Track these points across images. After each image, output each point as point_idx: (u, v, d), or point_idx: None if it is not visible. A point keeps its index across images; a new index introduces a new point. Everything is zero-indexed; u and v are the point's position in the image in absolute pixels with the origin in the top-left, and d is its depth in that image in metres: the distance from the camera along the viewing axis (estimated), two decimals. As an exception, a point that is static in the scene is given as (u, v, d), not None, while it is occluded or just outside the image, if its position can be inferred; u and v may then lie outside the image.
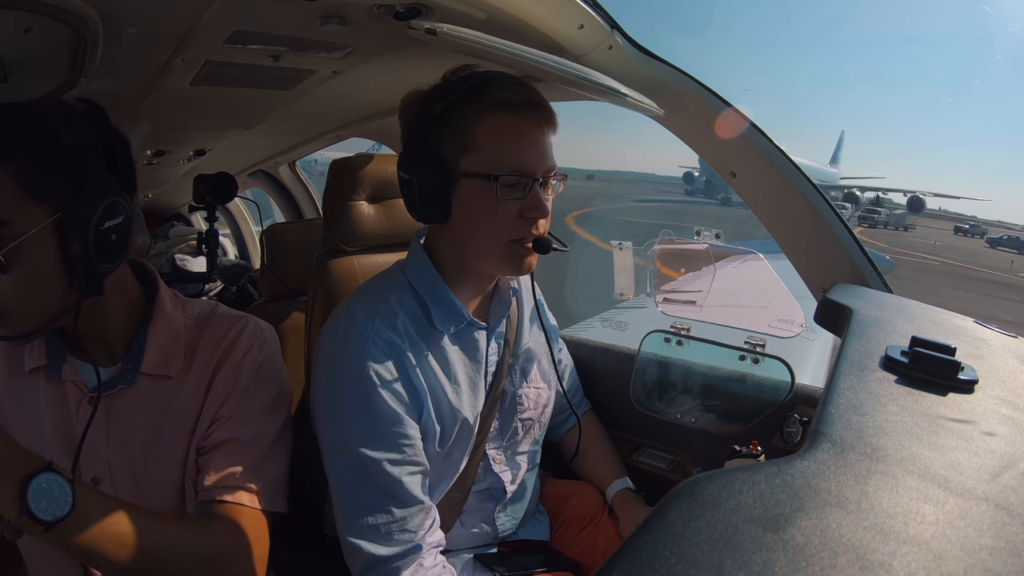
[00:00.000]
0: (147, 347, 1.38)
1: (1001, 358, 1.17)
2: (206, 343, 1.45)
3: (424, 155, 1.46)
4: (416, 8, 1.36)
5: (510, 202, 1.44)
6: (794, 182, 1.82)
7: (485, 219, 1.46)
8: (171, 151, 3.42)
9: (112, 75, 1.69)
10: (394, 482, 1.42)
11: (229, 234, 5.70)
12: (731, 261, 2.28)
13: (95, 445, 1.32)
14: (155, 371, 1.38)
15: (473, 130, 1.43)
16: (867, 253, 1.84)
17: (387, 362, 1.44)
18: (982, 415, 0.88)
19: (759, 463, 0.67)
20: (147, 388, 1.38)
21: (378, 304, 1.50)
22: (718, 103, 1.80)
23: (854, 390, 0.89)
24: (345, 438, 1.44)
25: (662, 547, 0.53)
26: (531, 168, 1.44)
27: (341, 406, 1.45)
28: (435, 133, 1.46)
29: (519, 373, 1.74)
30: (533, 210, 1.45)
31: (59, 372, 1.34)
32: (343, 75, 1.97)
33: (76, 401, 1.35)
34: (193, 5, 1.36)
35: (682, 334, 2.21)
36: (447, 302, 1.55)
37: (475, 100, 1.44)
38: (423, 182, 1.47)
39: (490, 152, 1.43)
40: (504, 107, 1.43)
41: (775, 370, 2.03)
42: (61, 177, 1.22)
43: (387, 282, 1.58)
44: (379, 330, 1.46)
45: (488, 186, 1.42)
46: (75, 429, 1.33)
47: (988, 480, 0.69)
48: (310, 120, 3.07)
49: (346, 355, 1.45)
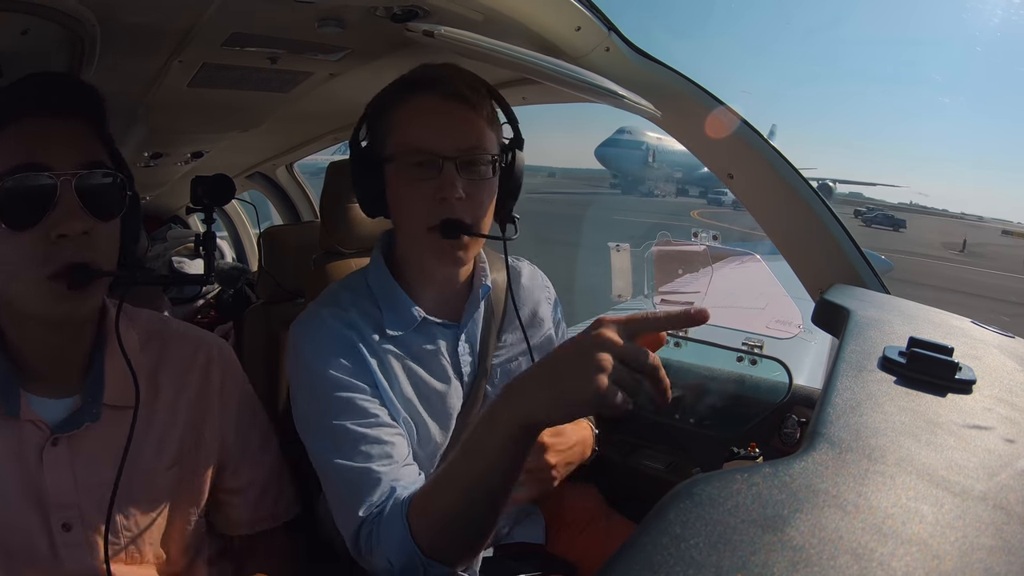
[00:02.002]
0: (106, 375, 1.31)
1: (998, 358, 1.17)
2: (170, 367, 1.42)
3: (357, 150, 1.50)
4: (413, 10, 1.36)
5: (423, 183, 1.40)
6: (791, 183, 1.82)
7: (403, 205, 1.46)
8: (168, 153, 3.42)
9: (109, 77, 1.69)
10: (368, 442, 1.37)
11: (227, 236, 5.69)
12: (729, 263, 2.28)
13: (62, 490, 1.24)
14: (117, 401, 1.30)
15: (388, 117, 1.44)
16: (864, 254, 1.85)
17: (332, 345, 1.43)
18: (980, 415, 0.88)
19: (757, 464, 0.67)
20: (112, 421, 1.29)
21: (328, 300, 1.52)
22: (715, 105, 1.80)
23: (852, 391, 0.89)
24: (313, 419, 1.43)
25: (661, 548, 0.53)
26: (438, 146, 1.39)
27: (301, 395, 1.47)
28: (367, 130, 1.50)
29: (500, 374, 1.66)
30: (442, 189, 1.39)
31: (16, 410, 1.22)
32: (340, 77, 1.97)
33: (36, 442, 1.23)
34: (190, 7, 1.36)
35: (680, 335, 2.21)
36: (397, 304, 1.52)
37: (394, 88, 1.45)
38: (356, 175, 1.50)
39: (400, 134, 1.43)
40: (411, 87, 1.43)
41: (773, 371, 2.04)
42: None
43: (344, 283, 1.59)
44: (324, 319, 1.46)
45: (402, 168, 1.42)
46: (41, 474, 1.23)
47: (986, 480, 0.69)
48: (308, 122, 3.07)
49: (296, 347, 1.47)
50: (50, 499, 1.23)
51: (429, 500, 1.24)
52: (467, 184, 1.41)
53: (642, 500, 1.81)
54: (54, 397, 1.27)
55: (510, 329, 1.70)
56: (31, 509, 1.23)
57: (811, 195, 1.83)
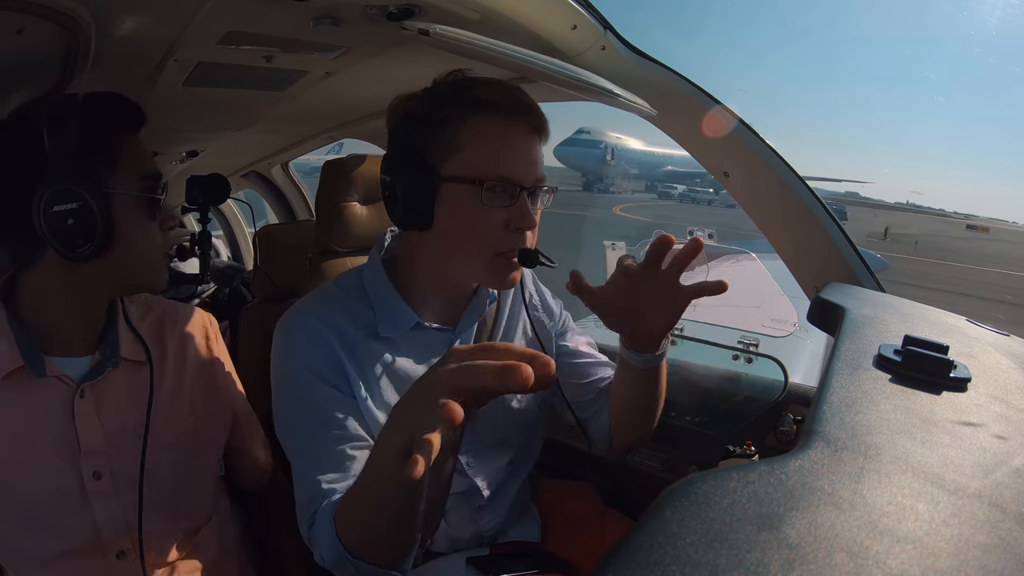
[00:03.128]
0: (120, 334, 1.42)
1: (994, 356, 1.17)
2: (171, 332, 1.55)
3: (406, 159, 1.42)
4: (409, 9, 1.35)
5: (496, 211, 1.39)
6: (787, 182, 1.82)
7: (469, 228, 1.41)
8: (163, 152, 3.42)
9: (104, 76, 1.69)
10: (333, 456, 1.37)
11: (222, 235, 5.69)
12: (724, 261, 2.29)
13: (91, 440, 1.33)
14: (132, 356, 1.42)
15: (457, 132, 1.39)
16: (860, 252, 1.85)
17: (313, 350, 1.42)
18: (975, 413, 0.88)
19: (753, 462, 0.67)
20: (129, 371, 1.41)
21: (317, 300, 1.51)
22: (711, 103, 1.80)
23: (847, 389, 0.89)
24: (287, 417, 1.43)
25: (657, 547, 0.53)
26: (519, 176, 1.40)
27: (278, 390, 1.46)
28: (418, 136, 1.42)
29: None
30: (519, 220, 1.39)
31: (42, 370, 1.31)
32: (336, 76, 1.96)
33: (64, 396, 1.34)
34: (185, 6, 1.35)
35: (675, 334, 2.21)
36: (392, 308, 1.51)
37: (460, 100, 1.40)
38: (406, 187, 1.41)
39: (475, 155, 1.38)
40: (491, 108, 1.39)
41: (768, 369, 2.04)
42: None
43: (338, 283, 1.56)
44: (309, 321, 1.45)
45: (472, 191, 1.37)
46: (71, 425, 1.33)
47: (981, 478, 0.70)
48: (303, 121, 3.07)
49: (279, 345, 1.47)
50: (81, 448, 1.33)
51: (349, 505, 1.25)
52: (534, 215, 1.43)
53: (638, 498, 1.82)
54: (75, 356, 1.38)
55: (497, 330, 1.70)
56: (64, 460, 1.32)
57: (807, 193, 1.83)
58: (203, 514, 1.54)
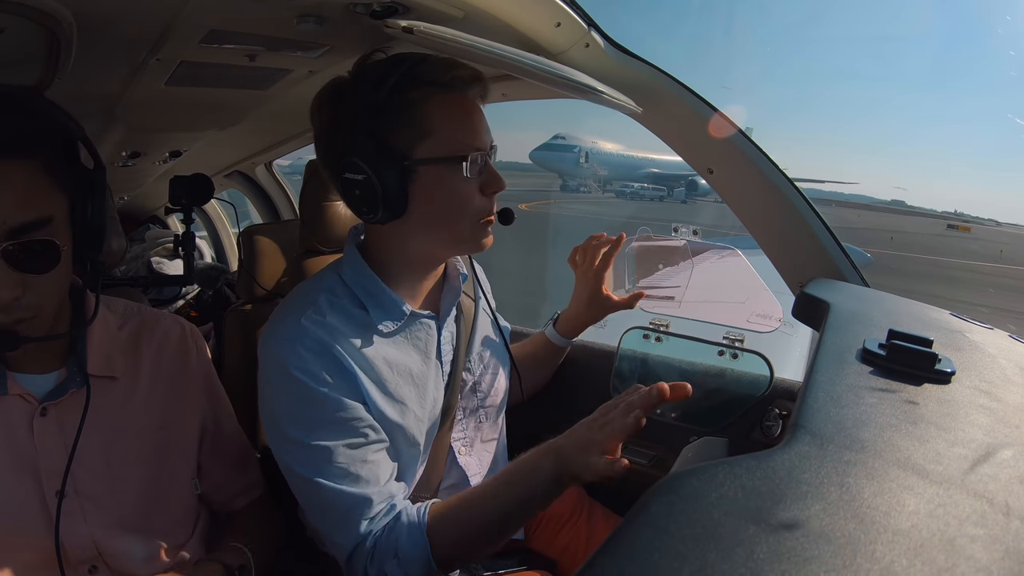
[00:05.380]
0: (89, 347, 1.35)
1: (977, 349, 1.18)
2: (148, 343, 1.47)
3: (377, 150, 1.41)
4: (392, 6, 1.35)
5: (473, 180, 1.46)
6: (771, 178, 1.83)
7: (455, 203, 1.46)
8: (146, 153, 3.38)
9: (86, 76, 1.67)
10: (357, 463, 1.40)
11: (206, 236, 5.66)
12: (709, 257, 2.29)
13: (51, 459, 1.27)
14: (101, 372, 1.35)
15: (423, 113, 1.41)
16: (844, 248, 1.86)
17: (317, 359, 1.41)
18: (960, 405, 0.89)
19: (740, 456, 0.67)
20: (96, 390, 1.32)
21: (306, 306, 1.47)
22: (695, 100, 1.80)
23: (832, 383, 0.90)
24: (293, 434, 1.41)
25: (645, 542, 0.53)
26: (485, 144, 1.47)
27: (281, 405, 1.44)
28: (381, 124, 1.42)
29: (476, 360, 1.73)
30: (495, 184, 1.48)
31: (4, 388, 1.25)
32: (320, 74, 1.95)
33: (25, 416, 1.27)
34: (168, 5, 1.34)
35: (661, 330, 2.22)
36: (384, 299, 1.51)
37: (418, 82, 1.41)
38: (383, 178, 1.40)
39: (449, 134, 1.43)
40: (448, 86, 1.43)
41: (754, 365, 2.05)
42: (74, 164, 1.25)
43: (318, 284, 1.54)
44: (306, 329, 1.42)
45: (454, 168, 1.42)
46: (32, 443, 1.26)
47: (967, 469, 0.70)
48: (287, 120, 3.05)
49: (275, 359, 1.43)
50: (42, 467, 1.26)
51: (459, 514, 1.37)
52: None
53: (624, 494, 1.83)
54: (39, 373, 1.31)
55: (476, 316, 1.77)
56: (26, 479, 1.26)
57: (791, 190, 1.84)
58: (182, 532, 1.46)
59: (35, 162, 1.16)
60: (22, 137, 1.15)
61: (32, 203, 1.16)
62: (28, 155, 1.15)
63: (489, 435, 1.76)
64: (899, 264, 31.22)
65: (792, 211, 1.84)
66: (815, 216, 1.85)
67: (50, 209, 1.18)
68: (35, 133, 1.18)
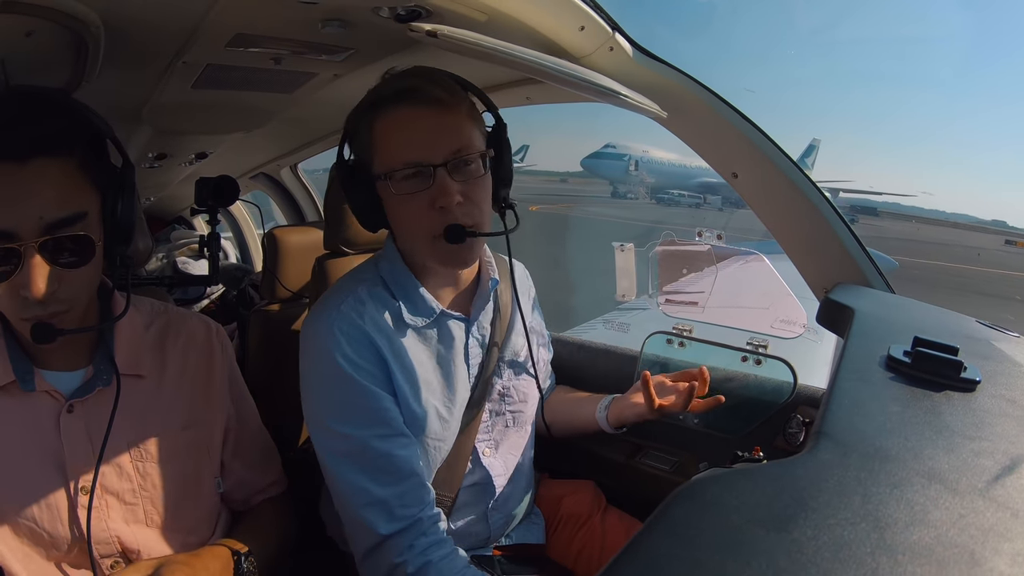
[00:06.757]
0: (116, 345, 1.36)
1: (1003, 358, 1.17)
2: (174, 342, 1.48)
3: (347, 170, 1.51)
4: (417, 10, 1.35)
5: (418, 195, 1.41)
6: (795, 182, 1.81)
7: (404, 219, 1.47)
8: (172, 154, 3.42)
9: (114, 78, 1.69)
10: (385, 457, 1.43)
11: (231, 237, 5.70)
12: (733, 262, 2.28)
13: (78, 455, 1.29)
14: (128, 370, 1.36)
15: (372, 132, 1.44)
16: (869, 253, 1.84)
17: (353, 345, 1.44)
18: (985, 415, 0.88)
19: (762, 464, 0.67)
20: (123, 388, 1.33)
21: (344, 295, 1.51)
22: (719, 104, 1.79)
23: (856, 391, 0.89)
24: (328, 422, 1.45)
25: (665, 549, 0.53)
26: (425, 155, 1.40)
27: (318, 391, 1.48)
28: (353, 146, 1.50)
29: (507, 366, 1.72)
30: (440, 198, 1.40)
31: (32, 384, 1.27)
32: (344, 78, 1.97)
33: (52, 412, 1.29)
34: (194, 9, 1.36)
35: (684, 335, 2.21)
36: (416, 296, 1.54)
37: (370, 102, 1.45)
38: (350, 195, 1.51)
39: (385, 150, 1.43)
40: (391, 100, 1.42)
41: (777, 371, 2.03)
42: (105, 161, 1.27)
43: (358, 276, 1.58)
44: (345, 315, 1.46)
45: (391, 185, 1.42)
46: (59, 440, 1.28)
47: (991, 480, 0.69)
48: (311, 123, 3.07)
49: (315, 342, 1.47)
50: (68, 464, 1.28)
51: None
52: (462, 186, 1.42)
53: (643, 497, 1.82)
54: (67, 370, 1.33)
55: (512, 322, 1.74)
56: (52, 476, 1.28)
57: (816, 194, 1.82)
58: (204, 530, 1.48)
59: (72, 159, 1.19)
60: (61, 136, 1.19)
61: (69, 199, 1.19)
62: (65, 153, 1.18)
63: (516, 439, 1.75)
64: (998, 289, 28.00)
65: (817, 215, 1.82)
66: (839, 220, 1.83)
67: (85, 205, 1.21)
68: (72, 132, 1.21)
